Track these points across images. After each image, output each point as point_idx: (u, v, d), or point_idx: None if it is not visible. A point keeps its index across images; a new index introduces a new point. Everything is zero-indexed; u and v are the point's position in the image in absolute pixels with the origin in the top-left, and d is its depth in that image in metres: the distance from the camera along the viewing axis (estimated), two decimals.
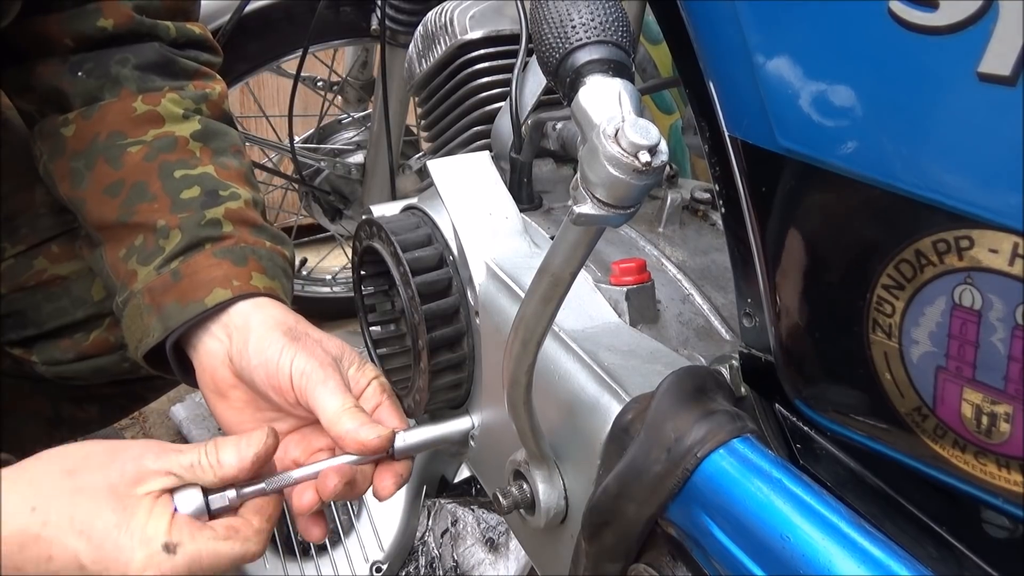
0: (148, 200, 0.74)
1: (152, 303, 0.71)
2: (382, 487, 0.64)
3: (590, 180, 0.39)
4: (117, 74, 0.78)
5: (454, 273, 0.73)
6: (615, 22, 0.44)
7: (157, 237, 0.73)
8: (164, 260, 0.72)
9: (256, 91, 1.76)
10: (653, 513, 0.50)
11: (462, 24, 0.95)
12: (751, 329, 0.57)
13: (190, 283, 0.70)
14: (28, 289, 0.88)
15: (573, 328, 0.62)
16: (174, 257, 0.72)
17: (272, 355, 0.65)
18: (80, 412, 1.08)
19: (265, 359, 0.65)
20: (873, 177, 0.42)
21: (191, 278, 0.70)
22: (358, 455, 0.62)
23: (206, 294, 0.69)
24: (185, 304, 0.69)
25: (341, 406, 0.62)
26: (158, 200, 0.74)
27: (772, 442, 0.57)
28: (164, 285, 0.71)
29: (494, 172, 0.76)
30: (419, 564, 1.07)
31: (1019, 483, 0.40)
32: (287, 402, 0.65)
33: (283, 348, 0.65)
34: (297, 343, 0.65)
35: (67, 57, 0.78)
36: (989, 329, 0.39)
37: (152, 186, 0.75)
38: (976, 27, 0.35)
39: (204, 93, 0.82)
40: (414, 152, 1.49)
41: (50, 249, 0.88)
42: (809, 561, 0.42)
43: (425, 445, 0.69)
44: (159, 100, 0.78)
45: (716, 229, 0.80)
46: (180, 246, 0.72)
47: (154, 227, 0.73)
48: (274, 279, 0.74)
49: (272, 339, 0.66)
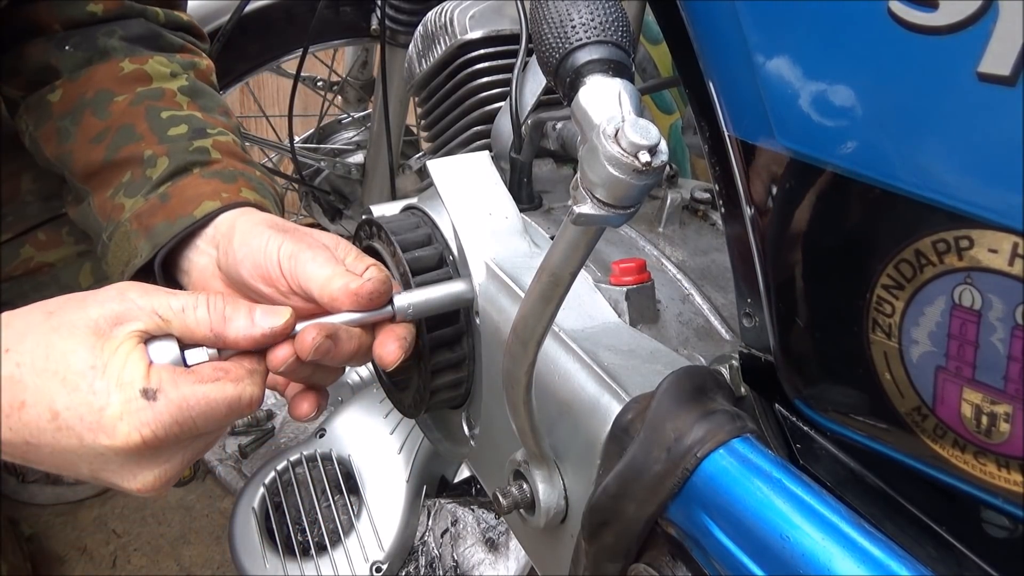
0: (135, 140, 0.73)
1: (140, 227, 0.69)
2: (386, 352, 0.60)
3: (590, 180, 0.39)
4: (104, 45, 0.78)
5: (454, 273, 0.73)
6: (615, 22, 0.44)
7: (144, 167, 0.71)
8: (152, 187, 0.70)
9: (256, 91, 1.76)
10: (653, 513, 0.50)
11: (462, 24, 0.95)
12: (751, 329, 0.57)
13: (178, 201, 0.68)
14: (16, 279, 0.87)
15: (573, 328, 0.62)
16: (161, 183, 0.70)
17: (258, 245, 0.62)
18: None
19: (251, 250, 0.62)
20: (873, 177, 0.42)
21: (179, 197, 0.68)
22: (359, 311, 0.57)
23: (195, 207, 0.67)
24: (174, 220, 0.67)
25: (332, 272, 0.58)
26: (144, 139, 0.73)
27: (772, 442, 0.57)
28: (152, 208, 0.69)
29: (494, 172, 0.76)
30: (419, 564, 1.07)
31: (1019, 483, 0.40)
32: (280, 292, 0.61)
33: (269, 237, 0.62)
34: (284, 233, 0.62)
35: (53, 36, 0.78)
36: (989, 329, 0.39)
37: (139, 127, 0.73)
38: (976, 27, 0.35)
39: (192, 62, 0.81)
40: (414, 152, 1.49)
41: (36, 237, 0.87)
42: (809, 561, 0.42)
43: (428, 307, 0.65)
44: (146, 61, 0.77)
45: (716, 229, 0.80)
46: (167, 171, 0.70)
47: (141, 158, 0.72)
48: (264, 198, 0.72)
49: (257, 232, 0.63)
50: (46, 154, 0.78)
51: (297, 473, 1.11)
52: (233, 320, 0.53)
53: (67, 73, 0.77)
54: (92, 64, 0.77)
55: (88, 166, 0.75)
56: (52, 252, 0.87)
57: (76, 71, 0.77)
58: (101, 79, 0.76)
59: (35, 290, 0.88)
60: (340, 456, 1.12)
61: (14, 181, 0.88)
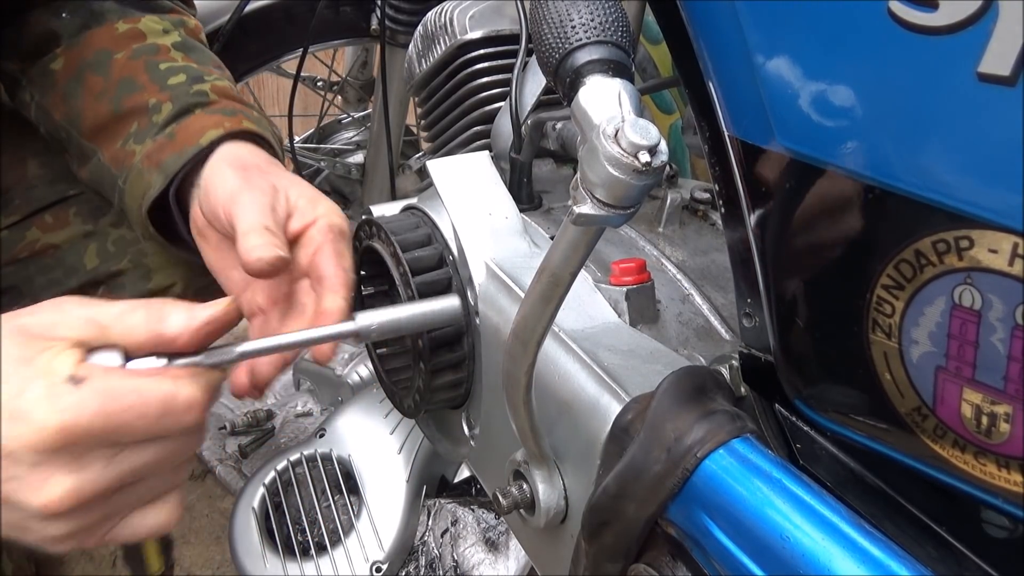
0: (138, 90, 0.77)
1: (151, 164, 0.72)
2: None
3: (590, 180, 0.39)
4: (99, 8, 0.81)
5: (454, 273, 0.73)
6: (615, 22, 0.44)
7: (150, 114, 0.75)
8: (158, 129, 0.74)
9: (256, 91, 1.76)
10: (653, 513, 0.50)
11: (462, 24, 0.95)
12: (751, 329, 0.57)
13: (184, 135, 0.72)
14: (21, 261, 0.88)
15: (573, 328, 0.62)
16: (167, 124, 0.74)
17: (213, 184, 0.66)
18: None
19: (207, 190, 0.66)
20: (873, 177, 0.42)
21: (185, 132, 0.72)
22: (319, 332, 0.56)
23: (200, 137, 0.71)
24: (181, 152, 0.71)
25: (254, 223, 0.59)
26: (146, 89, 0.77)
27: (772, 442, 0.57)
28: (160, 146, 0.73)
29: (494, 172, 0.76)
30: (419, 564, 1.07)
31: (1019, 483, 0.40)
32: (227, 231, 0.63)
33: (225, 176, 0.65)
34: (241, 171, 0.65)
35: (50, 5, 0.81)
36: (989, 329, 0.39)
37: (139, 79, 0.77)
38: (976, 27, 0.35)
39: (181, 20, 0.85)
40: (414, 152, 1.49)
41: (43, 219, 0.88)
42: (809, 561, 0.42)
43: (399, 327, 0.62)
44: (139, 20, 0.81)
45: (716, 229, 0.80)
46: (172, 114, 0.74)
47: (146, 107, 0.75)
48: (264, 131, 0.76)
49: (219, 169, 0.67)
50: (55, 119, 0.81)
51: (297, 473, 1.11)
52: (171, 316, 0.51)
53: (67, 39, 0.80)
54: (89, 28, 0.80)
55: (96, 121, 0.77)
56: (58, 233, 0.88)
57: (75, 36, 0.80)
58: (99, 41, 0.80)
59: (40, 272, 0.89)
60: (340, 456, 1.12)
61: (19, 167, 0.89)
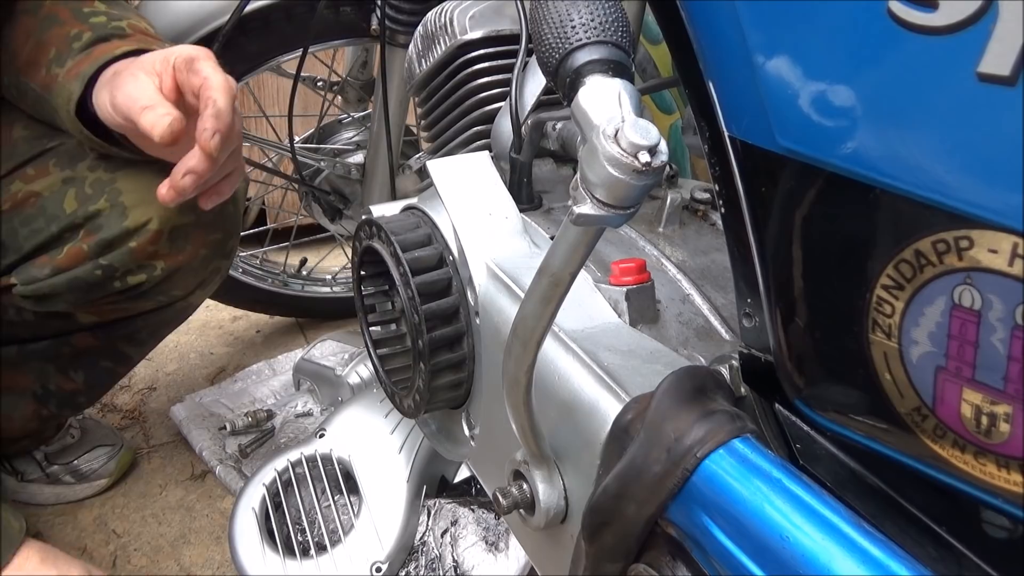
0: (59, 24, 0.86)
1: (72, 76, 0.82)
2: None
3: (590, 180, 0.39)
4: None
5: (454, 273, 0.73)
6: (615, 22, 0.44)
7: (71, 42, 0.84)
8: (77, 51, 0.83)
9: (256, 91, 1.76)
10: (653, 513, 0.50)
11: (462, 24, 0.95)
12: (751, 329, 0.57)
13: (102, 50, 0.82)
14: (5, 215, 0.92)
15: (573, 328, 0.62)
16: (85, 48, 0.83)
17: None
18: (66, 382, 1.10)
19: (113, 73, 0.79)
20: (873, 177, 0.42)
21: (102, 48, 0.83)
22: None
23: (116, 49, 0.82)
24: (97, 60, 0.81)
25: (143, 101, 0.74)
26: (67, 23, 0.86)
27: (772, 442, 0.57)
28: (78, 62, 0.82)
29: (494, 172, 0.76)
30: (419, 564, 1.07)
31: (1019, 483, 0.40)
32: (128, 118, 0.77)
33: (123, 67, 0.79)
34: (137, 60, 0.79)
35: None
36: (989, 329, 0.39)
37: (62, 15, 0.87)
38: (976, 27, 0.35)
39: None
40: (414, 152, 1.49)
41: (25, 172, 0.93)
42: (809, 561, 0.42)
43: None
44: None
45: (716, 229, 0.80)
46: (90, 40, 0.84)
47: (67, 36, 0.85)
48: None
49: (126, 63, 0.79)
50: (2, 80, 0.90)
51: (297, 473, 1.11)
52: None
53: None
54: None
55: (26, 57, 0.86)
56: (38, 182, 0.93)
57: None
58: None
59: (23, 224, 0.93)
60: (340, 456, 1.12)
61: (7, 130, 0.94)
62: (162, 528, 1.25)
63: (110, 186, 0.91)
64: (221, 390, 1.51)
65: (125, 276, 0.93)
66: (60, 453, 1.28)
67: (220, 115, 0.74)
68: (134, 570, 1.18)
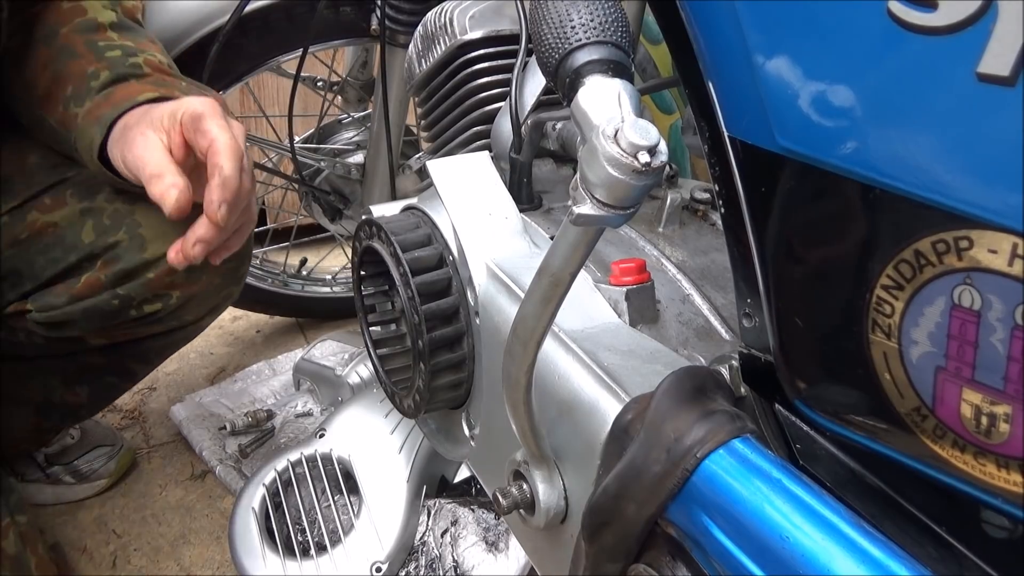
0: (75, 58, 0.85)
1: (91, 119, 0.81)
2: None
3: (590, 180, 0.39)
4: None
5: (454, 273, 0.73)
6: (615, 22, 0.44)
7: (88, 80, 0.83)
8: (95, 91, 0.83)
9: (256, 91, 1.76)
10: (653, 513, 0.50)
11: (462, 24, 0.95)
12: (751, 329, 0.57)
13: (121, 95, 0.81)
14: (22, 243, 0.92)
15: (573, 328, 0.62)
16: (103, 88, 0.83)
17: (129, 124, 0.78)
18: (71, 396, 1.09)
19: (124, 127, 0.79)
20: (872, 177, 0.42)
21: (120, 92, 0.82)
22: None
23: (137, 95, 0.81)
24: (117, 106, 0.80)
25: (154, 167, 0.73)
26: (84, 57, 0.85)
27: (772, 442, 0.57)
28: (97, 104, 0.82)
29: (494, 172, 0.76)
30: (419, 564, 1.07)
31: (1019, 483, 0.40)
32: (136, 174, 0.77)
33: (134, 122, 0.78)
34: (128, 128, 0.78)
35: None
36: (988, 329, 0.39)
37: (78, 48, 0.86)
38: (975, 27, 0.35)
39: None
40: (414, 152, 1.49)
41: (42, 202, 0.93)
42: (809, 561, 0.42)
43: None
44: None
45: (716, 229, 0.80)
46: (108, 79, 0.83)
47: (84, 73, 0.84)
48: None
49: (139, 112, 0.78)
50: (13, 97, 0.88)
51: (297, 473, 1.11)
52: None
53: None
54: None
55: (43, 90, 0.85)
56: (56, 212, 0.92)
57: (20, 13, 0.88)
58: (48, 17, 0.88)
59: (40, 253, 0.92)
60: (340, 456, 1.12)
61: (20, 158, 0.94)
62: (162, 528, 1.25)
63: (129, 218, 0.91)
64: (221, 390, 1.51)
65: (141, 305, 0.93)
66: (60, 454, 1.28)
67: (226, 183, 0.74)
68: (134, 570, 1.18)
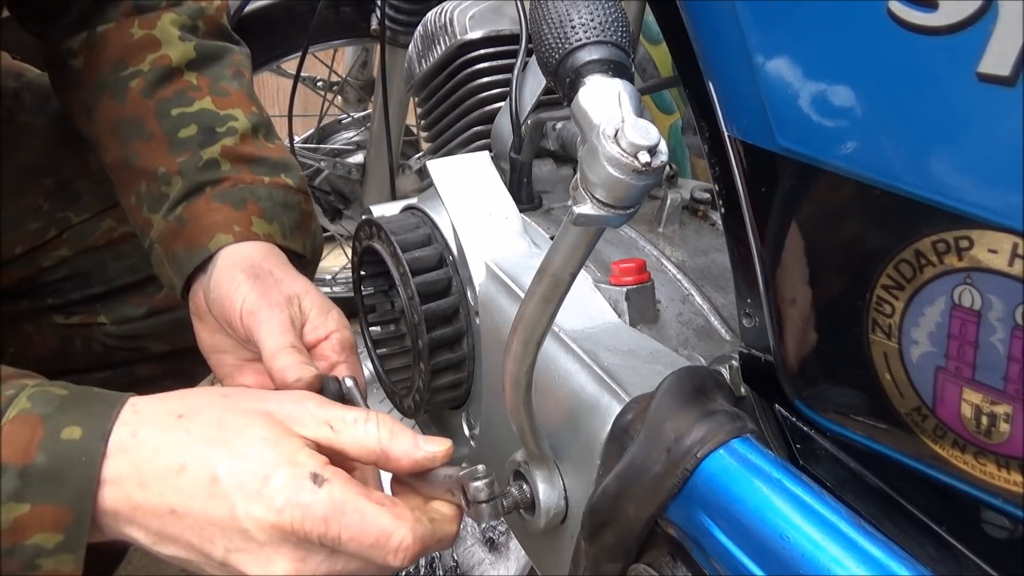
0: (145, 138, 0.77)
1: (166, 253, 0.74)
2: None
3: (590, 180, 0.39)
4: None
5: (454, 273, 0.73)
6: (615, 22, 0.44)
7: (159, 184, 0.76)
8: (169, 207, 0.75)
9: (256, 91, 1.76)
10: (653, 513, 0.50)
11: (462, 24, 0.95)
12: (751, 329, 0.57)
13: (194, 228, 0.73)
14: (95, 250, 0.88)
15: (573, 328, 0.62)
16: (177, 204, 0.75)
17: (227, 290, 0.67)
18: None
19: (220, 293, 0.67)
20: (873, 177, 0.42)
21: (194, 223, 0.73)
22: None
23: (209, 239, 0.72)
24: (192, 251, 0.72)
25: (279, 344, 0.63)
26: (155, 139, 0.77)
27: (772, 442, 0.57)
28: (172, 232, 0.74)
29: (494, 172, 0.76)
30: (419, 564, 1.07)
31: (1019, 483, 0.40)
32: (239, 337, 0.67)
33: (238, 285, 0.66)
34: (254, 280, 0.67)
35: None
36: (989, 329, 0.39)
37: (148, 124, 0.77)
38: (975, 27, 0.35)
39: (200, 8, 0.83)
40: (414, 152, 1.49)
41: (117, 210, 0.88)
42: (809, 561, 0.42)
43: None
44: (155, 23, 0.79)
45: (716, 229, 0.80)
46: (181, 192, 0.75)
47: (155, 174, 0.76)
48: (273, 221, 0.75)
49: (231, 274, 0.68)
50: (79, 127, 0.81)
51: None
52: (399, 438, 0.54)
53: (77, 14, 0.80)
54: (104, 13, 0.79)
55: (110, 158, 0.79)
56: None
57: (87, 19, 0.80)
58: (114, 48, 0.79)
59: (115, 259, 0.89)
60: None
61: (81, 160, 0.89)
62: None
63: None
64: None
65: None
66: None
67: None
68: (134, 570, 1.18)
